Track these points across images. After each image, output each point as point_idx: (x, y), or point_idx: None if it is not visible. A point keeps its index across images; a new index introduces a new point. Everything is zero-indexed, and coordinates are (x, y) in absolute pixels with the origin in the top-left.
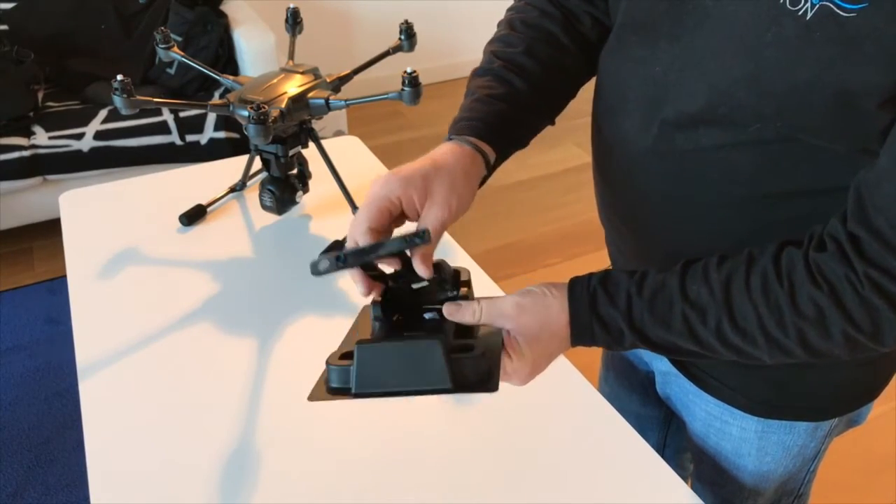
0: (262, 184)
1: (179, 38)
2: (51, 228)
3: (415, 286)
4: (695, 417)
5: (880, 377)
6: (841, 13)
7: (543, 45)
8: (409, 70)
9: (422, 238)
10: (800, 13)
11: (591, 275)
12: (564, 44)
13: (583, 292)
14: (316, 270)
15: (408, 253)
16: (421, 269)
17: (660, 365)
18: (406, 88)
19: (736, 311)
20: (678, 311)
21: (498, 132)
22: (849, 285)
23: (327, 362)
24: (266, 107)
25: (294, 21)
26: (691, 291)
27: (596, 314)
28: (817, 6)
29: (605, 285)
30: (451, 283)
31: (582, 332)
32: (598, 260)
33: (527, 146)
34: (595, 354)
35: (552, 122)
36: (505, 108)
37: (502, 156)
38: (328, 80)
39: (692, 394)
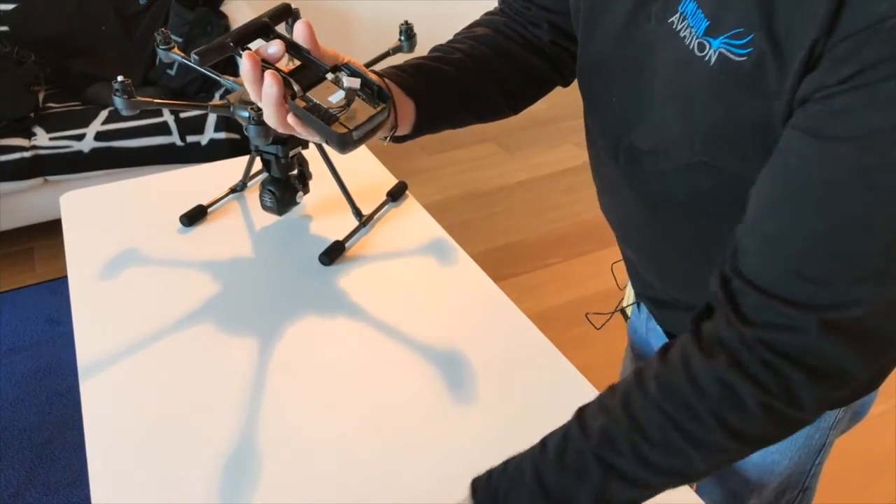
0: (263, 184)
1: (180, 39)
2: (52, 229)
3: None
4: None
5: (884, 366)
6: (735, 58)
7: (492, 34)
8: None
9: None
10: (706, 59)
11: (489, 471)
12: (514, 38)
13: (485, 492)
14: (197, 54)
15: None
16: (300, 28)
17: None
18: None
19: (645, 425)
20: (588, 455)
21: (411, 76)
22: (744, 347)
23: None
24: None
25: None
26: (593, 429)
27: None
28: (717, 54)
29: (506, 471)
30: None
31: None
32: (598, 259)
33: (478, 117)
34: (594, 353)
35: (513, 110)
36: (426, 63)
37: (416, 96)
38: None
39: None
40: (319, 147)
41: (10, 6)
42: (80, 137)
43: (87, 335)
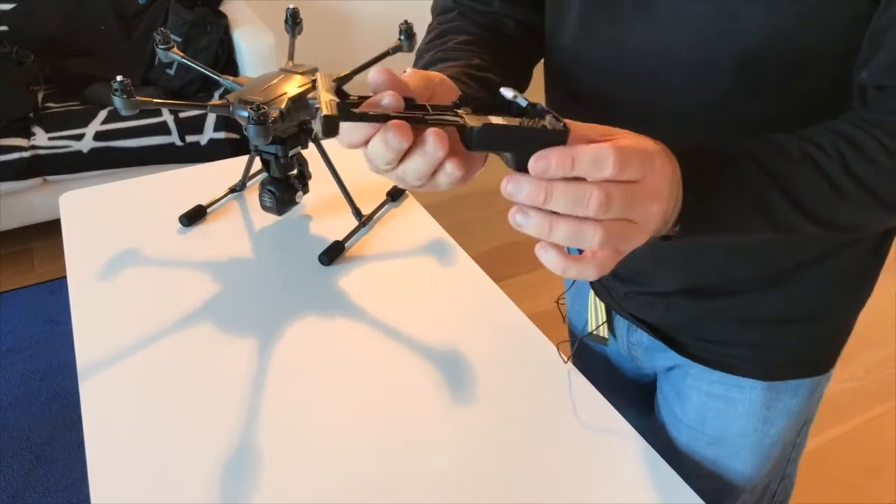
0: (262, 184)
1: (179, 39)
2: (51, 229)
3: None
4: (688, 405)
5: (853, 320)
6: None
7: (477, 39)
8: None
9: None
10: None
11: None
12: (496, 41)
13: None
14: (326, 125)
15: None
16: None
17: (663, 360)
18: None
19: (854, 140)
20: (793, 144)
21: (481, 89)
22: None
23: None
24: (266, 107)
25: (293, 21)
26: (802, 133)
27: (701, 147)
28: None
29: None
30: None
31: (688, 155)
32: None
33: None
34: None
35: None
36: (478, 73)
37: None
38: None
39: (692, 377)
40: (319, 146)
41: (9, 6)
42: (80, 137)
43: (86, 335)
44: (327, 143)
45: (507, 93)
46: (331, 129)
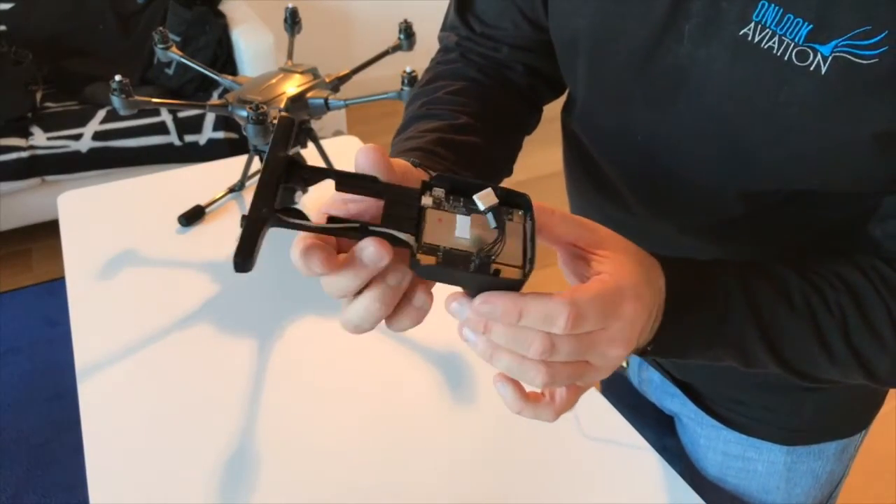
0: None
1: (178, 38)
2: (49, 229)
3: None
4: (707, 463)
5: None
6: (861, 61)
7: (474, 86)
8: (408, 69)
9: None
10: (811, 69)
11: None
12: (495, 87)
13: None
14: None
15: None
16: (368, 157)
17: (674, 406)
18: (405, 88)
19: (863, 302)
20: (796, 289)
21: (453, 160)
22: None
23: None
24: (265, 107)
25: (293, 21)
26: (809, 276)
27: (700, 271)
28: (830, 59)
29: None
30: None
31: (676, 278)
32: None
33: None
34: None
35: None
36: (454, 138)
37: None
38: (327, 80)
39: (704, 437)
40: (318, 146)
41: (7, 5)
42: (78, 137)
43: (84, 336)
44: (327, 143)
45: (481, 204)
46: (245, 261)
